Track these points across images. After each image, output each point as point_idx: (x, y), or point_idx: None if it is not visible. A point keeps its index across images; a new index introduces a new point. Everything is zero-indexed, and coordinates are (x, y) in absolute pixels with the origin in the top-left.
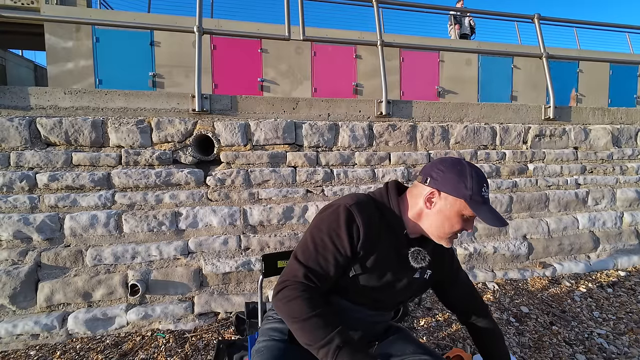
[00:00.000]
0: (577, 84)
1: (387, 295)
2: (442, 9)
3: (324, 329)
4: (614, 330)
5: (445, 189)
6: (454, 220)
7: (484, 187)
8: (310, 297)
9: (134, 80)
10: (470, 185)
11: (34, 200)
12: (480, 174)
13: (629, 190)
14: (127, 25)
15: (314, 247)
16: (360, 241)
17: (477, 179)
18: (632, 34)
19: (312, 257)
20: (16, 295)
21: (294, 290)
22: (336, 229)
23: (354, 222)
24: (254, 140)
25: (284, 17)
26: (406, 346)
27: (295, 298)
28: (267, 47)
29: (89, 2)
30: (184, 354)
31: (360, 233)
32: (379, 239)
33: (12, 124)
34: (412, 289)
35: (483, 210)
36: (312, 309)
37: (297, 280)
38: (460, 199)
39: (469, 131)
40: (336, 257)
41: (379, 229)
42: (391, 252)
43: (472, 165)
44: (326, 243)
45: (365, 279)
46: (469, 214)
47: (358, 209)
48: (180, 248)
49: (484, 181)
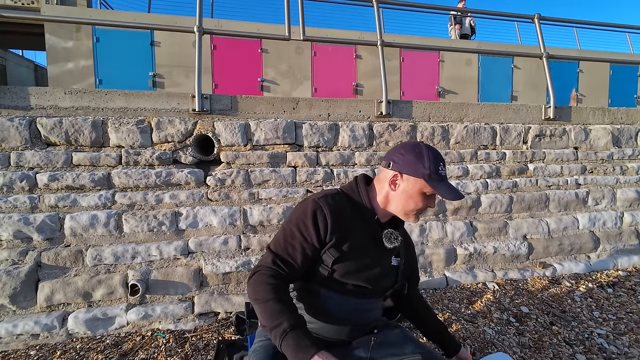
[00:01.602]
0: (577, 84)
1: (370, 280)
2: (442, 9)
3: (278, 313)
4: (614, 331)
5: (407, 171)
6: (417, 199)
7: (440, 166)
8: (274, 283)
9: (134, 80)
10: (427, 165)
11: (34, 200)
12: (436, 154)
13: (629, 190)
14: (127, 25)
15: (284, 237)
16: (329, 229)
17: (433, 159)
18: (632, 34)
19: (282, 246)
20: (16, 295)
21: (262, 275)
22: (303, 220)
23: (320, 212)
24: (254, 140)
25: (284, 17)
26: (405, 345)
27: (261, 282)
28: (267, 47)
29: (89, 2)
30: (184, 354)
31: (328, 221)
32: (351, 227)
33: (12, 123)
34: (394, 274)
35: (440, 186)
36: (273, 293)
37: (267, 266)
38: (420, 179)
39: (469, 131)
40: (303, 245)
41: (349, 218)
42: (366, 238)
43: (429, 147)
44: (294, 232)
45: (345, 266)
46: (429, 191)
47: (325, 200)
48: (180, 248)
49: (440, 160)
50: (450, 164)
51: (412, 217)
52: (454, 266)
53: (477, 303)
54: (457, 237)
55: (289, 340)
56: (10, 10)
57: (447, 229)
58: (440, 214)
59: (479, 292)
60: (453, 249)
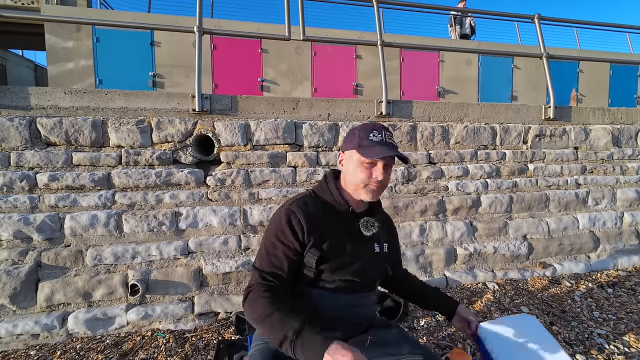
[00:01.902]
0: (577, 84)
1: (357, 273)
2: (442, 9)
3: (280, 325)
4: (614, 331)
5: (346, 147)
6: (359, 169)
7: (372, 133)
8: (269, 296)
9: (134, 80)
10: (358, 135)
11: (34, 200)
12: (372, 125)
13: (629, 190)
14: (127, 25)
15: (266, 251)
16: (305, 231)
17: (365, 128)
18: (632, 34)
19: (265, 260)
20: (16, 295)
21: (255, 293)
22: (280, 228)
23: (294, 216)
24: (254, 140)
25: (284, 17)
26: (403, 345)
27: (255, 300)
28: (267, 47)
29: (89, 2)
30: (184, 354)
31: (303, 224)
32: (327, 227)
33: (12, 123)
34: (378, 262)
35: (369, 150)
36: (270, 307)
37: (257, 283)
38: (353, 150)
39: (469, 131)
40: (286, 252)
41: (323, 217)
42: (343, 233)
43: (370, 123)
44: (274, 243)
45: (330, 265)
46: (365, 160)
47: (296, 204)
48: (180, 248)
49: (374, 128)
50: (450, 164)
51: (364, 192)
52: (454, 266)
53: (477, 303)
54: (457, 237)
55: (299, 347)
56: (10, 10)
57: (447, 229)
58: (440, 214)
59: (479, 292)
60: (453, 249)
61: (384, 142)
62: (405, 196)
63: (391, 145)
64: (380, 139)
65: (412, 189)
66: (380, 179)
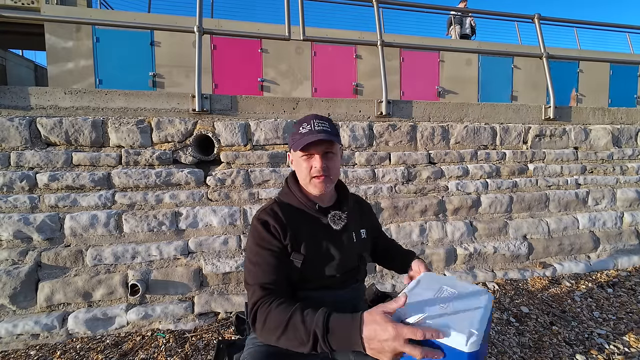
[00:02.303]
0: (577, 84)
1: (337, 268)
2: (442, 9)
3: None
4: (614, 331)
5: (289, 147)
6: (302, 164)
7: (302, 125)
8: (279, 304)
9: (134, 80)
10: (292, 132)
11: (34, 200)
12: (303, 118)
13: (629, 190)
14: (127, 25)
15: (253, 264)
16: (281, 234)
17: (297, 124)
18: (632, 34)
19: (255, 272)
20: (16, 295)
21: (263, 308)
22: (260, 237)
23: (268, 224)
24: (254, 140)
25: (284, 17)
26: None
27: (267, 314)
28: (267, 47)
29: (89, 2)
30: (184, 354)
31: (278, 229)
32: (296, 231)
33: (12, 123)
34: (356, 250)
35: (298, 143)
36: (283, 315)
37: (257, 299)
38: (292, 148)
39: (469, 131)
40: (275, 256)
41: (293, 220)
42: (315, 230)
43: (306, 115)
44: (259, 253)
45: (311, 263)
46: (300, 153)
47: (265, 213)
48: (180, 248)
49: (304, 121)
50: (450, 164)
51: (312, 186)
52: (454, 266)
53: None
54: (457, 237)
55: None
56: (10, 10)
57: (447, 229)
58: (440, 214)
59: None
60: (453, 249)
61: (313, 131)
62: (405, 196)
63: (321, 131)
64: (309, 129)
65: (412, 189)
66: (318, 167)
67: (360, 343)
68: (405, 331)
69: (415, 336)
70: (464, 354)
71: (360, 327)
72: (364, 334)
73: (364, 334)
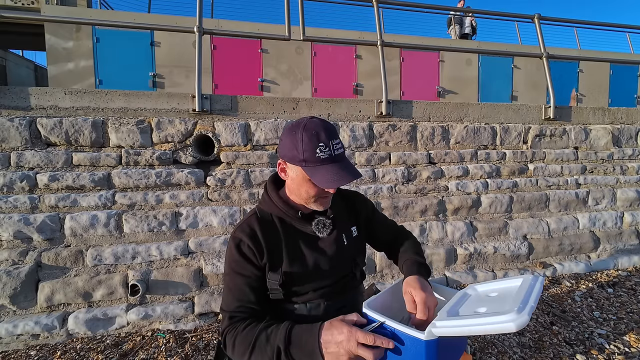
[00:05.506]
0: (577, 84)
1: (330, 275)
2: (442, 9)
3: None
4: (614, 330)
5: (286, 158)
6: (307, 186)
7: (319, 147)
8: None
9: (134, 81)
10: (301, 149)
11: (34, 201)
12: (312, 134)
13: (629, 190)
14: (127, 26)
15: (228, 289)
16: (257, 255)
17: (307, 141)
18: (632, 34)
19: (230, 298)
20: (16, 295)
21: (230, 333)
22: (235, 261)
23: (242, 243)
24: (254, 140)
25: (284, 17)
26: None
27: (234, 339)
28: (267, 47)
29: (89, 3)
30: (184, 354)
31: (254, 249)
32: (279, 240)
33: (12, 124)
34: (347, 254)
35: (319, 173)
36: (251, 334)
37: (228, 324)
38: (298, 166)
39: (469, 131)
40: (248, 283)
41: (273, 232)
42: (299, 241)
43: (307, 124)
44: (234, 278)
45: (299, 276)
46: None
47: (240, 230)
48: (180, 248)
49: (319, 140)
50: (451, 164)
51: (315, 205)
52: (454, 266)
53: None
54: (457, 237)
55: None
56: (10, 11)
57: (447, 229)
58: (440, 214)
59: None
60: (453, 249)
61: (333, 157)
62: (405, 196)
63: (341, 157)
64: (329, 154)
65: (412, 189)
66: (333, 192)
67: (319, 349)
68: (359, 335)
69: (367, 341)
70: (422, 342)
71: (319, 332)
72: (322, 338)
73: (322, 338)
